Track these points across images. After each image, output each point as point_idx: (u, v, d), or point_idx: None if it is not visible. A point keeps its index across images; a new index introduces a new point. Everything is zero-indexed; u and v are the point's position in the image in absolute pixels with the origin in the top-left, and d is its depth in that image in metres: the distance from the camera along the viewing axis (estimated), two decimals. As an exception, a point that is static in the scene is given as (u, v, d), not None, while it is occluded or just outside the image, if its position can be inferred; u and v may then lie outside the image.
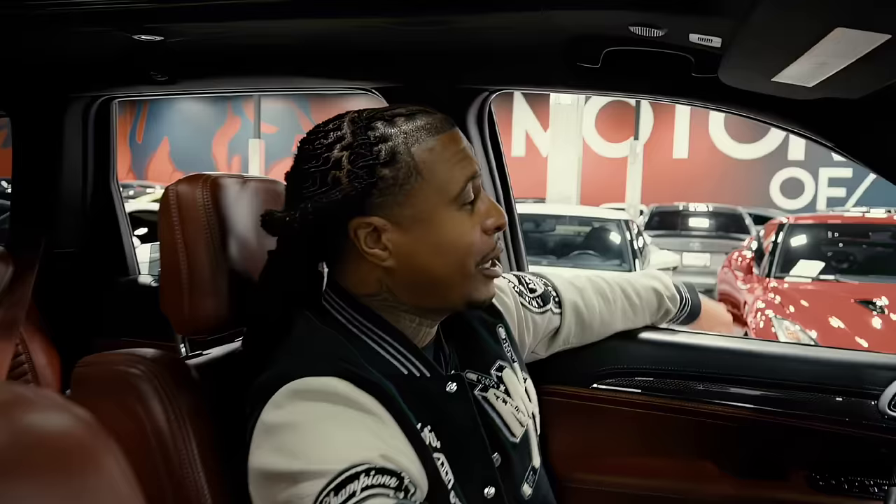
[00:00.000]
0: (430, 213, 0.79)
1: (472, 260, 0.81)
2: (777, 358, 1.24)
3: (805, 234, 5.02)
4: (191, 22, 1.09)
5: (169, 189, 0.87)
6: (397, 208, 0.79)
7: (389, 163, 0.77)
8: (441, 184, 0.79)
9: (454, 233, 0.80)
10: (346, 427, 0.71)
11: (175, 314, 0.87)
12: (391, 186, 0.78)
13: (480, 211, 0.82)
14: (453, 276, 0.81)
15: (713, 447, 1.23)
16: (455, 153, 0.80)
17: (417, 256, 0.80)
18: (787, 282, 4.53)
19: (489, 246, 0.82)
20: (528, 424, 0.95)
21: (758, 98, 1.10)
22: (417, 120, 0.79)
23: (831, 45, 0.78)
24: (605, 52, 1.12)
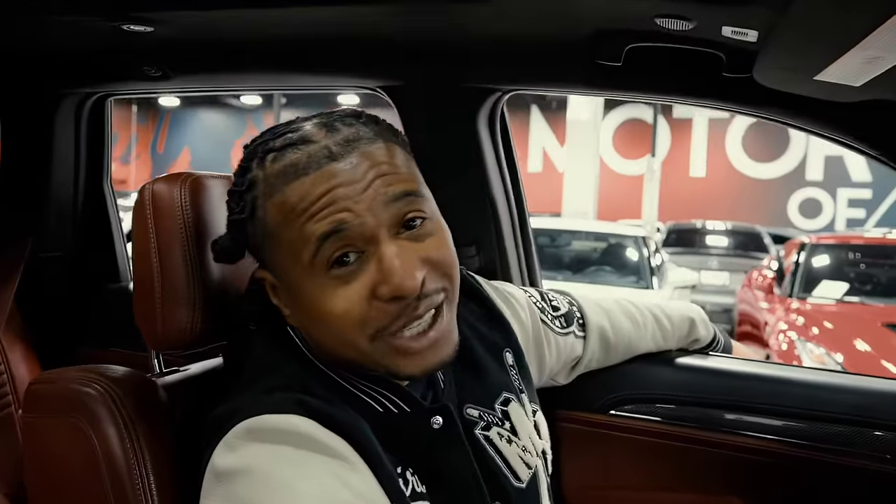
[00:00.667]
0: (291, 280, 0.66)
1: (358, 333, 0.64)
2: (812, 386, 1.14)
3: (827, 254, 4.90)
4: (179, 10, 1.02)
5: (145, 187, 0.79)
6: (274, 268, 0.69)
7: (251, 218, 0.68)
8: (293, 248, 0.64)
9: (321, 306, 0.64)
10: (309, 476, 0.59)
11: (147, 326, 0.79)
12: (256, 246, 0.69)
13: (371, 274, 0.64)
14: (345, 349, 0.67)
15: (740, 483, 1.12)
16: (309, 205, 0.63)
17: (306, 323, 0.69)
18: (810, 303, 4.41)
19: (388, 316, 0.64)
20: (538, 466, 0.83)
21: (796, 100, 1.00)
22: (283, 159, 0.65)
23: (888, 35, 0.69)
24: (627, 49, 1.03)
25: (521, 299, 0.96)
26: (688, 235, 9.05)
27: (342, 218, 0.63)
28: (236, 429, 0.63)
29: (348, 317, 0.64)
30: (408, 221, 0.66)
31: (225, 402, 0.68)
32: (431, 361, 0.67)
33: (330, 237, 0.63)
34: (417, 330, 0.66)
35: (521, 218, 1.33)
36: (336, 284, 0.64)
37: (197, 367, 0.91)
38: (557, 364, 1.02)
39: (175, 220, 0.77)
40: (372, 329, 0.65)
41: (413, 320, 0.65)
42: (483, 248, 1.27)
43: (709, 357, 1.20)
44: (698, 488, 1.15)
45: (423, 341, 0.66)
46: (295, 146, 0.65)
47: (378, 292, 0.64)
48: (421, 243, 0.67)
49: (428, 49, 1.17)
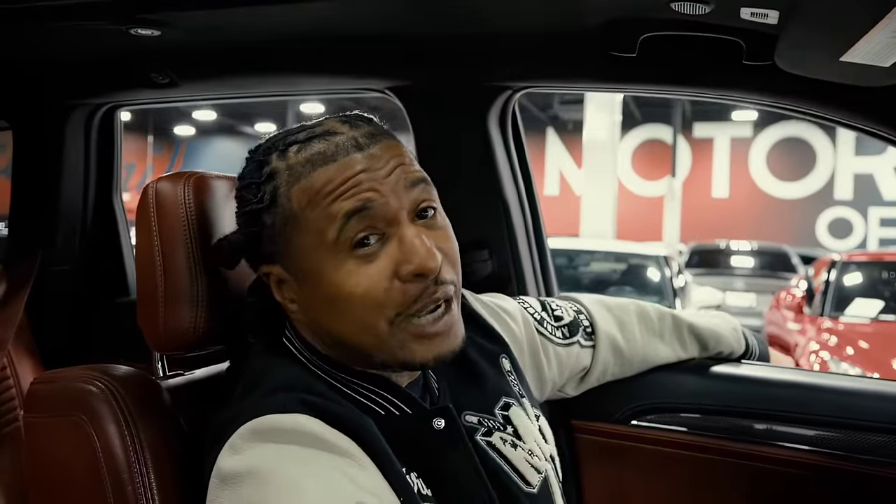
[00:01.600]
0: (314, 263, 0.67)
1: (378, 316, 0.65)
2: (848, 393, 1.08)
3: (859, 272, 4.78)
4: (187, 11, 1.01)
5: (149, 185, 0.79)
6: (285, 259, 0.69)
7: (270, 207, 0.69)
8: (318, 228, 0.66)
9: (343, 286, 0.65)
10: (316, 473, 0.59)
11: (149, 326, 0.78)
12: (275, 235, 0.69)
13: (393, 254, 0.66)
14: (361, 336, 0.67)
15: (772, 496, 1.06)
16: (338, 185, 0.66)
17: (318, 314, 0.69)
18: (843, 322, 4.30)
19: (409, 297, 0.66)
20: (547, 469, 0.79)
21: (821, 87, 0.95)
22: (310, 148, 0.68)
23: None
24: (642, 38, 0.99)
25: (513, 311, 0.93)
26: (711, 256, 8.91)
27: (368, 196, 0.65)
28: (241, 430, 0.62)
29: (370, 296, 0.65)
30: (422, 211, 0.69)
31: (227, 407, 0.67)
32: (444, 348, 0.68)
33: (355, 215, 0.65)
34: (434, 315, 0.67)
35: (534, 220, 1.29)
36: (359, 264, 0.65)
37: (201, 371, 0.89)
38: (560, 376, 0.98)
39: (178, 219, 0.77)
40: (392, 311, 0.66)
41: (430, 304, 0.67)
42: (496, 251, 1.23)
43: (737, 365, 1.14)
44: (730, 502, 1.08)
45: (438, 325, 0.67)
46: (321, 137, 0.68)
47: (400, 271, 0.65)
48: (434, 232, 0.69)
49: (436, 48, 1.16)
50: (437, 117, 1.24)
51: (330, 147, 0.67)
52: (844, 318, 4.35)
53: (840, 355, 3.79)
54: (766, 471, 1.06)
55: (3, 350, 1.34)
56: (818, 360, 3.86)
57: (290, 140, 0.69)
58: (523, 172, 1.29)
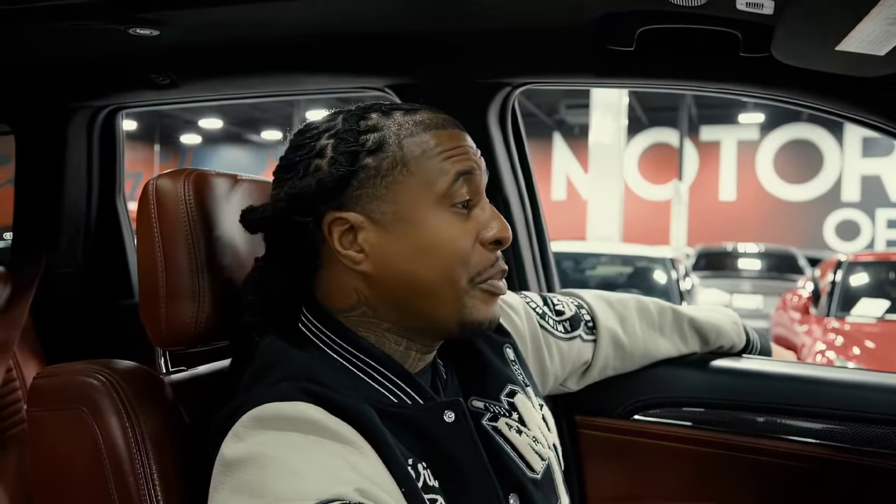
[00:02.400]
0: (415, 209, 0.70)
1: (463, 271, 0.71)
2: (853, 386, 1.07)
3: (866, 272, 4.76)
4: (184, 9, 1.02)
5: (149, 182, 0.79)
6: (378, 203, 0.71)
7: (375, 151, 0.71)
8: (428, 178, 0.71)
9: (442, 235, 0.71)
10: (318, 459, 0.59)
11: (151, 322, 0.78)
12: (373, 178, 0.71)
13: (479, 219, 0.73)
14: (440, 287, 0.71)
15: (777, 490, 1.06)
16: (450, 148, 0.72)
17: (398, 261, 0.71)
18: (849, 322, 4.27)
19: (487, 261, 0.72)
20: (550, 457, 0.80)
21: (818, 78, 0.95)
22: (417, 115, 0.74)
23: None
24: (639, 32, 1.00)
25: (516, 305, 0.94)
26: (718, 259, 8.87)
27: (472, 165, 0.73)
28: (243, 419, 0.63)
29: (460, 248, 0.71)
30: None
31: (232, 398, 0.68)
32: (496, 314, 0.75)
33: (464, 176, 0.72)
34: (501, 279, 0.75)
35: (535, 218, 1.29)
36: (457, 219, 0.72)
37: (203, 368, 0.90)
38: (563, 370, 0.99)
39: (178, 215, 0.77)
40: (474, 270, 0.72)
41: (501, 273, 0.74)
42: None
43: (740, 358, 1.14)
44: (733, 496, 1.08)
45: (503, 286, 0.75)
46: (426, 110, 0.75)
47: (483, 236, 0.72)
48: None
49: (435, 46, 1.16)
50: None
51: (438, 119, 0.74)
52: (850, 318, 4.32)
53: (846, 355, 3.77)
54: (769, 464, 1.05)
55: (9, 352, 1.35)
56: (824, 360, 3.84)
57: (391, 106, 0.75)
58: (523, 169, 1.29)
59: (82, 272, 1.50)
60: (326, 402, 0.64)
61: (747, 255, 8.90)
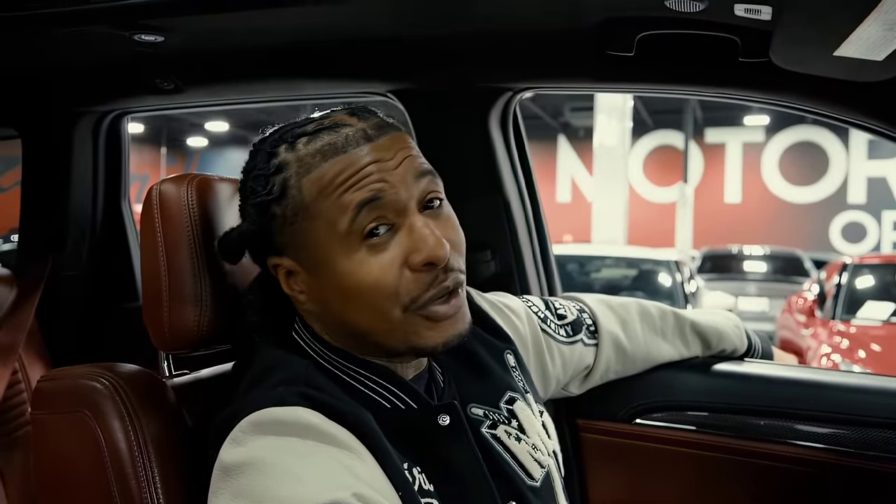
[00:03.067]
0: (325, 254, 0.68)
1: (392, 304, 0.67)
2: (856, 390, 1.07)
3: (871, 275, 4.72)
4: (188, 15, 1.03)
5: (152, 187, 0.80)
6: (296, 249, 0.70)
7: (279, 199, 0.69)
8: (329, 219, 0.67)
9: (356, 276, 0.66)
10: (315, 464, 0.59)
11: (155, 326, 0.79)
12: (282, 226, 0.69)
13: (403, 244, 0.67)
14: (375, 324, 0.68)
15: (779, 494, 1.06)
16: (348, 178, 0.66)
17: (330, 303, 0.70)
18: (855, 325, 4.24)
19: (421, 286, 0.67)
20: (550, 464, 0.80)
21: (817, 83, 0.95)
22: (319, 140, 0.68)
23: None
24: (639, 38, 1.00)
25: (517, 309, 0.94)
26: (724, 261, 8.83)
27: (379, 187, 0.66)
28: (242, 424, 0.63)
29: (382, 285, 0.66)
30: (429, 202, 0.70)
31: (232, 403, 0.68)
32: (453, 332, 0.69)
33: (367, 205, 0.66)
34: (445, 299, 0.69)
35: (536, 221, 1.30)
36: (370, 254, 0.67)
37: (206, 371, 0.90)
38: (564, 374, 0.98)
39: (182, 220, 0.78)
40: (406, 299, 0.67)
41: (442, 292, 0.68)
42: (498, 252, 1.24)
43: (742, 362, 1.14)
44: (735, 500, 1.08)
45: (448, 307, 0.68)
46: (330, 129, 0.69)
47: (411, 260, 0.66)
48: (440, 222, 0.70)
49: (437, 51, 1.17)
50: (439, 119, 1.25)
51: (339, 138, 0.68)
52: (856, 320, 4.29)
53: (852, 358, 3.75)
54: (770, 468, 1.05)
55: (15, 354, 1.36)
56: (830, 363, 3.82)
57: (298, 132, 0.70)
58: (525, 173, 1.30)
59: (88, 275, 1.51)
60: (324, 406, 0.64)
61: (753, 257, 8.86)
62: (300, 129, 0.70)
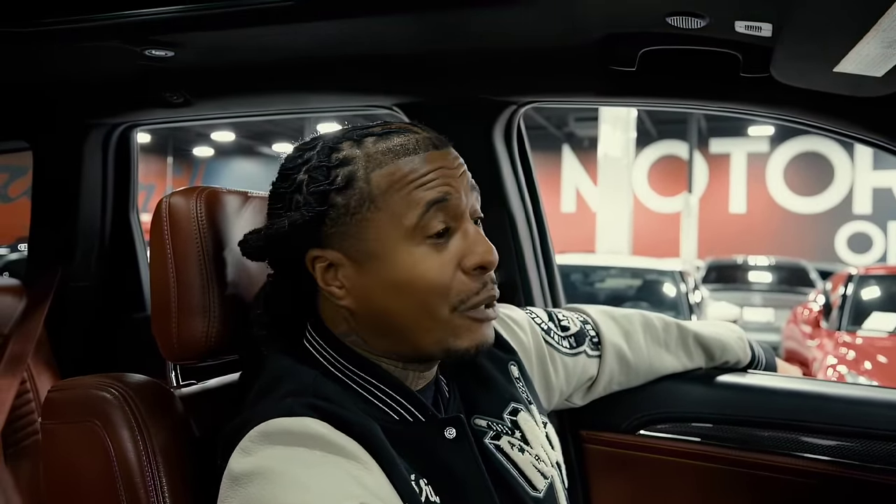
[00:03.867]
0: (385, 246, 0.70)
1: (442, 302, 0.69)
2: (861, 402, 1.07)
3: (877, 286, 4.72)
4: (198, 31, 1.05)
5: (162, 200, 0.82)
6: (351, 241, 0.71)
7: (344, 189, 0.70)
8: (396, 213, 0.69)
9: (414, 270, 0.69)
10: (323, 474, 0.60)
11: (163, 336, 0.80)
12: (343, 216, 0.71)
13: (460, 245, 0.70)
14: (419, 321, 0.70)
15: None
16: (420, 176, 0.69)
17: (375, 297, 0.71)
18: (861, 336, 4.23)
19: (470, 289, 0.70)
20: (553, 475, 0.80)
21: (818, 98, 0.97)
22: (389, 140, 0.71)
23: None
24: (641, 53, 1.01)
25: (521, 321, 0.95)
26: (729, 271, 8.82)
27: (447, 190, 0.70)
28: (251, 433, 0.64)
29: (437, 283, 0.69)
30: (475, 219, 0.75)
31: (240, 413, 0.69)
32: (485, 338, 0.72)
33: (435, 204, 0.69)
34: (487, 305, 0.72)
35: (540, 233, 1.31)
36: (431, 251, 0.70)
37: (213, 381, 0.91)
38: (568, 385, 0.99)
39: (191, 232, 0.79)
40: (455, 299, 0.70)
41: (489, 299, 0.72)
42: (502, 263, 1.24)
43: (745, 374, 1.14)
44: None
45: (490, 312, 0.73)
46: (399, 132, 0.72)
47: (465, 263, 0.70)
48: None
49: (441, 66, 1.18)
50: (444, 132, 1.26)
51: (411, 141, 0.71)
52: (862, 331, 4.29)
53: (858, 369, 3.73)
54: (774, 479, 1.05)
55: (24, 364, 1.37)
56: (836, 374, 3.81)
57: (364, 132, 0.72)
58: (529, 185, 1.31)
59: (96, 286, 1.53)
60: (332, 417, 0.65)
61: (758, 267, 8.84)
62: (366, 130, 0.73)
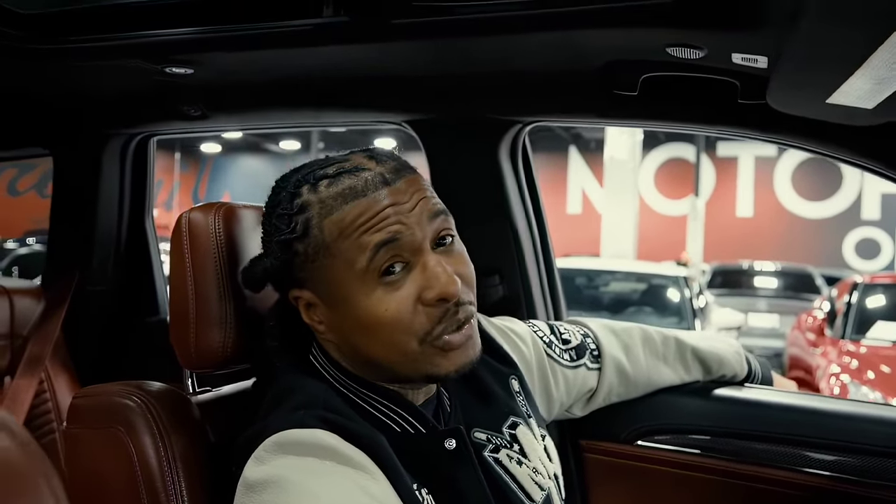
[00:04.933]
0: (344, 290, 0.72)
1: (409, 338, 0.71)
2: (851, 418, 1.10)
3: (883, 294, 4.71)
4: (217, 51, 1.09)
5: (182, 216, 0.85)
6: (318, 284, 0.74)
7: (302, 237, 0.73)
8: (348, 259, 0.71)
9: (375, 311, 0.71)
10: (333, 483, 0.64)
11: (181, 345, 0.84)
12: (305, 262, 0.74)
13: (417, 281, 0.71)
14: (391, 356, 0.72)
15: None
16: (367, 220, 0.71)
17: (349, 335, 0.74)
18: (865, 345, 4.24)
19: (434, 319, 0.71)
20: (550, 487, 0.84)
21: (812, 125, 1.00)
22: (340, 183, 0.73)
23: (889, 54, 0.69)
24: (642, 79, 1.05)
25: (523, 334, 0.97)
26: (734, 276, 8.81)
27: (397, 229, 0.71)
28: (265, 444, 0.68)
29: (398, 320, 0.71)
30: (441, 239, 0.74)
31: (254, 423, 0.73)
32: (465, 359, 0.74)
33: (384, 245, 0.70)
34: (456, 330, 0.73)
35: (544, 247, 1.34)
36: (387, 290, 0.71)
37: (228, 388, 0.95)
38: (568, 397, 1.02)
39: (209, 247, 0.82)
40: (421, 333, 0.71)
41: (454, 324, 0.72)
42: (506, 277, 1.28)
43: (741, 388, 1.17)
44: None
45: (460, 337, 0.73)
46: (350, 173, 0.73)
47: (424, 297, 0.71)
48: (452, 258, 0.75)
49: (452, 85, 1.22)
50: (451, 149, 1.30)
51: (359, 182, 0.72)
52: (866, 340, 4.29)
53: (861, 379, 3.74)
54: (770, 492, 1.08)
55: (42, 366, 1.42)
56: (838, 383, 3.82)
57: (320, 174, 0.74)
58: (533, 201, 1.34)
59: (112, 290, 1.57)
60: (341, 429, 0.69)
61: (763, 273, 8.84)
62: (322, 171, 0.74)
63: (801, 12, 0.68)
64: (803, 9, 0.67)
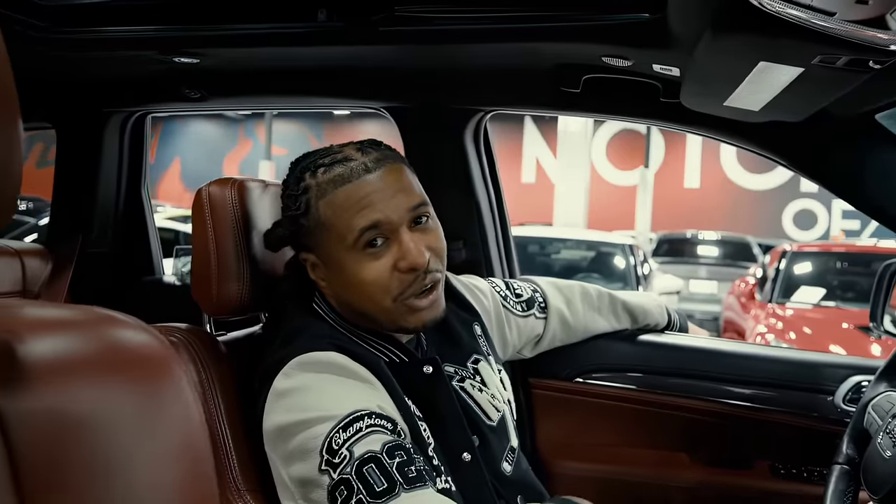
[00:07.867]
0: (337, 257, 0.90)
1: (384, 296, 0.89)
2: (744, 357, 1.37)
3: (808, 262, 5.06)
4: (223, 47, 1.25)
5: (202, 190, 1.01)
6: (318, 250, 0.92)
7: (305, 214, 0.91)
8: (339, 234, 0.88)
9: (359, 275, 0.89)
10: (348, 389, 0.85)
11: (204, 297, 1.00)
12: (307, 233, 0.92)
13: (394, 253, 0.88)
14: (371, 309, 0.91)
15: (685, 438, 1.35)
16: (356, 202, 0.87)
17: (341, 291, 0.93)
18: (790, 307, 4.55)
19: (405, 283, 0.89)
20: (504, 409, 1.06)
21: (717, 120, 1.24)
22: (332, 171, 0.89)
23: (760, 76, 0.92)
24: (584, 79, 1.27)
25: (484, 289, 1.17)
26: (678, 245, 9.20)
27: (377, 217, 0.88)
28: (291, 363, 0.86)
29: (377, 283, 0.89)
30: (417, 218, 0.92)
31: (272, 353, 0.90)
32: (429, 317, 0.92)
33: (368, 229, 0.88)
34: (424, 295, 0.91)
35: (501, 218, 1.56)
36: (369, 260, 0.89)
37: (239, 332, 1.11)
38: (520, 341, 1.24)
39: (227, 214, 0.98)
40: (394, 293, 0.89)
41: (420, 288, 0.90)
42: (468, 242, 1.50)
43: (662, 334, 1.42)
44: (650, 443, 1.37)
45: (425, 301, 0.91)
46: (341, 162, 0.90)
47: (398, 265, 0.88)
48: (425, 235, 0.92)
49: (424, 78, 1.42)
50: (423, 132, 1.50)
51: (346, 171, 0.89)
52: (790, 303, 4.61)
53: (784, 338, 4.05)
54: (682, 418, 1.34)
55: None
56: (763, 341, 4.11)
57: (319, 163, 0.91)
58: (492, 177, 1.56)
59: (112, 252, 1.73)
60: (350, 352, 0.88)
61: (705, 242, 9.24)
62: (321, 160, 0.92)
63: (696, 43, 0.90)
64: (697, 41, 0.90)
